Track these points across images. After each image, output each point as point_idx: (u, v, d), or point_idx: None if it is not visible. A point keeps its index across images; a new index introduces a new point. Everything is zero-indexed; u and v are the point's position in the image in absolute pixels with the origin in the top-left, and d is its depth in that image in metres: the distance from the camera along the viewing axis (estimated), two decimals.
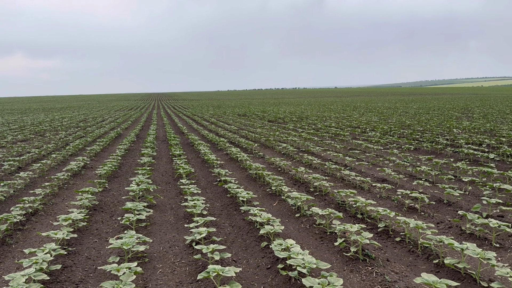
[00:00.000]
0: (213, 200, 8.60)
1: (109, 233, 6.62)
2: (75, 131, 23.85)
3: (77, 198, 7.65)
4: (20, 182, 9.51)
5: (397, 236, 6.06)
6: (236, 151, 13.28)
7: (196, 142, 16.33)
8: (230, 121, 31.15)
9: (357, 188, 9.16)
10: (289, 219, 7.16)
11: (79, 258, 5.53)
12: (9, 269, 5.17)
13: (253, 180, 10.22)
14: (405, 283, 4.57)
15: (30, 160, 13.09)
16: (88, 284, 4.82)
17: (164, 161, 13.51)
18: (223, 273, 4.27)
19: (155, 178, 10.66)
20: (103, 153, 15.43)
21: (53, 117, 38.25)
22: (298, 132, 21.01)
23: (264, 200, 8.47)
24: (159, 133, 23.08)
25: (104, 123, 30.34)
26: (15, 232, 6.40)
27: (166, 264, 5.41)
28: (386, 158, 11.82)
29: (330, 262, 5.35)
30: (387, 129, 20.20)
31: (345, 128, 22.26)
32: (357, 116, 30.87)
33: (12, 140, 18.99)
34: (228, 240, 6.26)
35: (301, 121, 28.19)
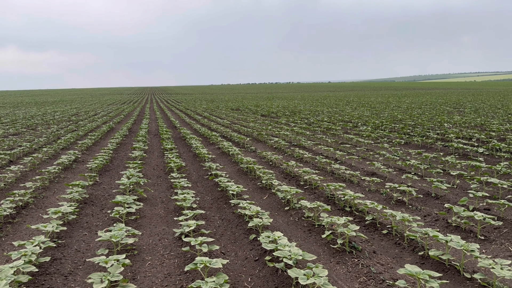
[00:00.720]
0: (204, 193, 8.65)
1: (99, 226, 6.64)
2: (67, 125, 23.72)
3: (68, 191, 7.65)
4: (11, 175, 9.48)
5: (384, 228, 6.15)
6: (228, 145, 13.31)
7: (188, 136, 16.33)
8: (223, 115, 31.13)
9: (346, 181, 9.24)
10: (278, 212, 7.22)
11: (69, 251, 5.55)
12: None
13: (244, 174, 10.27)
14: (390, 274, 4.65)
15: (21, 153, 13.03)
16: (77, 276, 4.85)
17: (156, 155, 13.51)
18: (210, 264, 4.32)
19: (146, 172, 10.67)
20: (95, 147, 15.39)
21: (45, 111, 37.97)
22: (290, 126, 21.07)
23: (255, 193, 8.53)
24: (152, 127, 23.04)
25: (96, 117, 30.19)
26: (5, 225, 6.41)
27: (155, 257, 5.46)
28: (376, 152, 11.92)
29: (318, 254, 5.42)
30: (378, 123, 20.31)
31: (337, 122, 22.36)
32: (350, 111, 30.99)
33: (4, 134, 18.87)
34: (217, 233, 6.31)
35: (294, 115, 28.25)
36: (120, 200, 6.90)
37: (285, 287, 4.41)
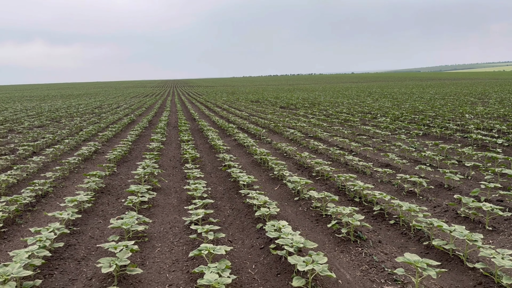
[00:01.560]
0: (217, 184, 8.81)
1: (113, 214, 6.89)
2: (90, 117, 24.34)
3: (85, 181, 7.95)
4: (33, 166, 9.88)
5: (391, 219, 6.16)
6: (243, 137, 13.44)
7: (206, 128, 16.54)
8: (242, 107, 31.27)
9: (359, 173, 9.24)
10: (288, 202, 7.31)
11: (83, 237, 5.80)
12: (17, 246, 5.48)
13: (257, 165, 10.38)
14: (392, 263, 4.69)
15: (44, 145, 13.51)
16: (89, 261, 5.08)
17: (173, 147, 13.77)
18: (214, 251, 4.46)
19: (163, 163, 10.92)
20: (115, 139, 15.79)
21: (70, 104, 39.01)
22: (308, 118, 21.03)
23: (267, 184, 8.64)
24: (171, 119, 23.39)
25: (118, 110, 30.83)
26: (25, 213, 6.73)
27: (165, 244, 5.65)
28: (392, 144, 11.82)
29: (323, 243, 5.50)
30: (398, 114, 20.03)
31: (356, 114, 22.15)
32: (370, 102, 30.61)
33: (29, 126, 19.55)
34: (226, 222, 6.46)
35: (313, 107, 28.13)
36: (134, 189, 7.12)
37: (287, 273, 4.51)
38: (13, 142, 14.55)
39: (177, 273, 4.75)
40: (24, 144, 12.43)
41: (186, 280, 4.55)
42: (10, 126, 19.54)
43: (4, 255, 5.23)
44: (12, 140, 14.96)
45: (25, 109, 33.00)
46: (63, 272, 4.72)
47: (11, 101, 49.51)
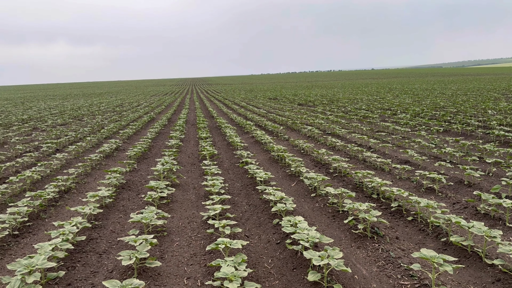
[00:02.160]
0: (234, 180, 8.89)
1: (134, 209, 7.05)
2: (111, 116, 24.81)
3: (106, 177, 8.14)
4: (56, 163, 10.17)
5: (409, 215, 6.12)
6: (261, 134, 13.49)
7: (224, 126, 16.66)
8: (260, 104, 31.32)
9: (378, 169, 9.17)
10: (305, 199, 7.33)
11: (104, 232, 5.97)
12: (41, 240, 5.68)
13: (275, 161, 10.42)
14: (409, 259, 4.67)
15: (67, 142, 13.86)
16: (110, 254, 5.23)
17: (192, 144, 13.93)
18: (231, 245, 4.53)
19: (181, 160, 11.07)
20: (136, 136, 16.07)
21: (91, 102, 39.81)
22: (326, 115, 20.93)
23: (284, 180, 8.67)
24: (190, 117, 23.63)
25: (139, 108, 31.30)
26: (48, 208, 6.95)
27: (183, 238, 5.76)
28: (412, 140, 11.68)
29: (339, 238, 5.51)
30: (418, 111, 19.74)
31: (376, 110, 21.93)
32: (390, 98, 30.22)
33: (52, 124, 20.06)
34: (243, 217, 6.53)
35: (331, 104, 27.96)
36: (153, 185, 7.27)
37: (302, 268, 4.55)
38: (37, 139, 14.98)
39: (195, 266, 4.84)
40: (48, 142, 12.79)
41: (204, 273, 4.64)
42: (34, 124, 20.10)
43: (29, 248, 5.43)
44: (36, 137, 15.40)
45: (49, 107, 33.85)
46: (85, 265, 4.87)
47: (35, 100, 50.83)
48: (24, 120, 22.94)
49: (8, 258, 5.11)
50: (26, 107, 34.91)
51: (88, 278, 4.56)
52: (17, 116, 25.41)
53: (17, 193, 7.84)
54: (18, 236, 5.78)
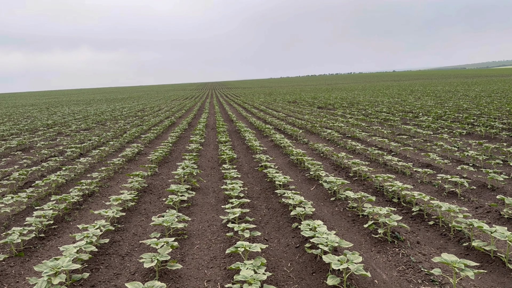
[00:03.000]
0: (253, 184, 8.94)
1: (155, 212, 7.17)
2: (133, 120, 25.25)
3: (129, 181, 8.32)
4: (80, 167, 10.43)
5: (430, 219, 6.04)
6: (280, 138, 13.52)
7: (243, 129, 16.75)
8: (279, 108, 31.34)
9: (399, 173, 9.07)
10: (324, 203, 7.32)
11: (127, 234, 6.10)
12: (66, 242, 5.84)
13: (294, 165, 10.43)
14: (430, 264, 4.62)
15: (90, 147, 14.20)
16: (132, 256, 5.35)
17: (212, 148, 14.06)
18: (250, 248, 4.57)
19: (201, 163, 11.20)
20: (157, 140, 16.32)
21: (114, 107, 40.60)
22: (346, 118, 20.79)
23: (303, 184, 8.67)
24: (210, 121, 23.84)
25: (160, 112, 31.76)
26: (73, 211, 7.15)
27: (203, 241, 5.83)
28: (434, 143, 11.51)
29: (359, 243, 5.49)
30: (441, 113, 19.41)
31: (397, 113, 21.65)
32: (412, 101, 29.78)
33: (76, 129, 20.57)
34: (262, 221, 6.57)
35: (351, 106, 27.75)
36: (174, 188, 7.39)
37: (322, 272, 4.55)
38: (61, 144, 15.39)
39: (215, 269, 4.90)
40: (72, 146, 13.13)
41: (223, 276, 4.69)
42: (59, 129, 20.64)
43: (54, 250, 5.60)
44: (61, 142, 15.82)
45: (73, 113, 34.70)
46: (108, 267, 5.00)
47: (60, 105, 52.17)
48: (49, 125, 23.58)
49: (35, 260, 5.28)
50: (51, 112, 35.87)
51: (111, 280, 4.67)
52: (42, 121, 26.14)
53: (43, 197, 8.08)
54: (44, 238, 5.97)
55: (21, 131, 20.43)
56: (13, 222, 6.66)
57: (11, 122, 26.46)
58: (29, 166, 11.15)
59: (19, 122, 26.61)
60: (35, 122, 25.84)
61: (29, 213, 7.06)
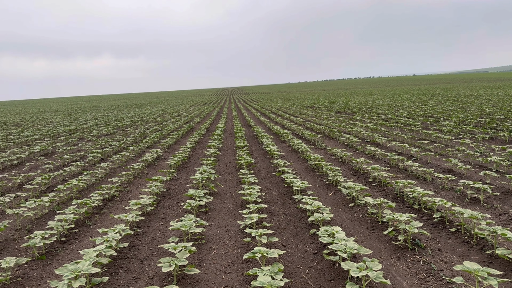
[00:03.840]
0: (271, 189, 8.92)
1: (174, 217, 7.23)
2: (153, 126, 25.58)
3: (148, 185, 8.41)
4: (101, 171, 10.61)
5: (452, 226, 5.91)
6: (298, 143, 13.47)
7: (261, 134, 16.76)
8: (297, 113, 31.26)
9: (419, 179, 8.92)
10: (342, 208, 7.24)
11: (146, 239, 6.16)
12: (86, 246, 5.94)
13: (312, 170, 10.36)
14: (452, 272, 4.51)
15: (111, 152, 14.43)
16: (151, 261, 5.39)
17: (229, 153, 14.11)
18: (267, 254, 4.55)
19: (219, 169, 11.24)
20: (176, 145, 16.48)
21: (134, 113, 41.22)
22: (365, 122, 20.58)
23: (321, 190, 8.61)
24: (228, 126, 23.94)
25: (179, 118, 32.08)
26: (93, 215, 7.26)
27: (221, 246, 5.84)
28: (456, 149, 11.28)
29: (379, 250, 5.40)
30: (463, 118, 19.02)
31: (417, 117, 21.32)
32: (433, 105, 29.29)
33: (97, 134, 20.94)
34: (280, 226, 6.54)
35: (370, 111, 27.46)
36: (192, 193, 7.43)
37: (340, 279, 4.50)
38: (83, 149, 15.68)
39: (232, 275, 4.90)
40: (93, 151, 13.37)
41: (241, 281, 4.68)
42: (81, 135, 21.06)
43: (75, 254, 5.69)
44: (82, 147, 16.13)
45: (94, 118, 35.37)
46: (127, 271, 5.05)
47: (82, 111, 53.27)
48: (71, 130, 24.09)
49: (56, 263, 5.37)
50: (73, 118, 36.65)
51: (130, 284, 4.72)
52: (65, 127, 26.72)
53: (64, 201, 8.24)
54: (65, 242, 6.07)
55: (44, 137, 20.92)
56: (36, 226, 6.81)
57: (35, 128, 27.14)
58: (52, 171, 11.40)
59: (42, 127, 27.26)
60: (58, 127, 26.43)
61: (51, 217, 7.21)
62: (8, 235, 6.45)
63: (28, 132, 23.67)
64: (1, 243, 6.08)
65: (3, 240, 6.21)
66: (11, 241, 6.19)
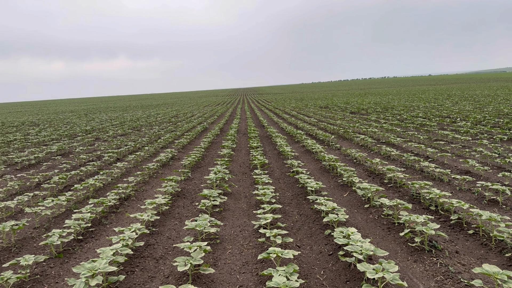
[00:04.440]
0: (285, 189, 8.90)
1: (188, 216, 7.27)
2: (167, 126, 25.78)
3: (163, 185, 8.47)
4: (117, 171, 10.73)
5: (470, 228, 5.81)
6: (311, 143, 13.41)
7: (274, 135, 16.75)
8: (310, 113, 31.14)
9: (436, 180, 8.79)
10: (358, 210, 7.18)
11: (161, 238, 6.20)
12: (103, 245, 6.01)
13: (326, 171, 10.31)
14: (470, 274, 4.44)
15: (127, 152, 14.58)
16: (166, 260, 5.43)
17: (243, 153, 14.12)
18: (282, 255, 4.54)
19: (233, 169, 11.26)
20: (190, 146, 16.57)
21: (149, 114, 41.60)
22: (380, 123, 20.39)
23: (335, 190, 8.55)
24: (241, 127, 23.98)
25: (193, 118, 32.26)
26: (109, 214, 7.35)
27: (235, 246, 5.85)
28: (473, 150, 11.10)
29: (395, 252, 5.34)
30: (480, 118, 18.70)
31: (433, 118, 21.04)
32: (449, 105, 28.87)
33: (113, 135, 21.20)
34: (294, 227, 6.52)
35: (385, 111, 27.20)
36: (206, 193, 7.46)
37: (356, 281, 4.46)
38: (99, 149, 15.89)
39: (247, 275, 4.90)
40: (109, 151, 13.53)
41: (256, 282, 4.68)
42: (97, 135, 21.34)
43: (92, 252, 5.76)
44: (99, 147, 16.34)
45: (110, 119, 35.80)
46: (143, 270, 5.09)
47: (98, 111, 53.98)
48: (87, 131, 24.43)
49: (73, 261, 5.45)
50: (89, 119, 37.16)
51: (146, 283, 4.76)
52: (81, 127, 27.12)
53: (81, 200, 8.36)
54: (82, 240, 6.16)
55: (61, 137, 21.26)
56: (53, 224, 6.92)
57: (52, 128, 27.59)
58: (68, 171, 11.57)
59: (59, 128, 27.71)
60: (74, 128, 26.83)
61: (68, 216, 7.31)
62: (27, 233, 6.57)
63: (45, 132, 24.08)
64: (20, 241, 6.20)
65: (21, 238, 6.33)
66: (30, 239, 6.31)
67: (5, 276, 4.41)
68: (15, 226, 5.98)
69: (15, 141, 19.57)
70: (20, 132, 25.12)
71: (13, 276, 4.45)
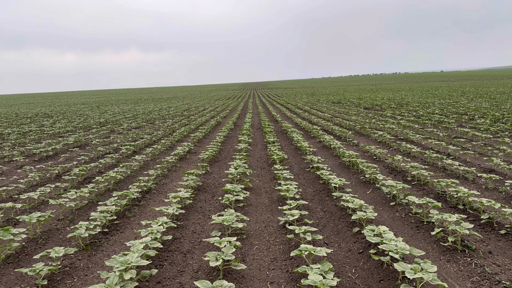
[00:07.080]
0: (306, 185, 8.82)
1: (211, 211, 7.23)
2: (180, 120, 25.79)
3: (184, 179, 8.45)
4: (136, 164, 10.73)
5: (502, 228, 5.69)
6: (329, 139, 13.30)
7: (289, 130, 16.65)
8: (323, 108, 30.94)
9: (460, 178, 8.65)
10: (383, 207, 7.08)
11: (186, 232, 6.17)
12: (128, 237, 6.00)
13: (346, 167, 10.20)
14: (508, 276, 4.33)
15: (143, 145, 14.60)
16: (194, 254, 5.39)
17: (259, 148, 14.06)
18: (314, 252, 4.48)
19: (250, 163, 11.20)
20: (205, 140, 16.55)
21: (161, 107, 41.68)
22: (396, 119, 20.17)
23: (357, 187, 8.45)
24: (254, 121, 23.90)
25: (205, 112, 32.25)
26: (132, 207, 7.34)
27: (262, 242, 5.79)
28: (495, 147, 10.90)
29: (426, 251, 5.24)
30: (499, 115, 18.39)
31: (450, 115, 20.76)
32: (465, 102, 28.48)
33: (128, 128, 21.26)
34: (319, 224, 6.44)
35: (400, 108, 26.92)
36: (229, 188, 7.41)
37: (390, 280, 4.38)
38: (115, 142, 15.94)
39: (277, 271, 4.84)
40: (126, 144, 13.56)
41: (287, 279, 4.62)
42: (111, 127, 21.42)
43: (118, 245, 5.75)
44: (114, 140, 16.39)
45: (122, 111, 35.95)
46: (171, 264, 5.06)
47: (109, 104, 54.25)
48: (101, 123, 24.54)
49: (100, 254, 5.44)
50: (101, 111, 37.35)
51: (176, 277, 4.73)
52: (95, 119, 27.25)
53: (102, 192, 8.37)
54: (107, 233, 6.15)
55: (75, 129, 21.38)
56: (77, 216, 6.93)
57: (66, 120, 27.77)
58: (87, 163, 11.61)
59: (73, 120, 27.88)
60: (88, 120, 26.97)
61: (90, 208, 7.32)
62: (52, 225, 6.59)
63: (60, 124, 24.24)
64: (45, 232, 6.21)
65: (47, 229, 6.34)
66: (55, 231, 6.32)
67: (37, 268, 4.40)
68: (41, 217, 5.99)
69: (31, 133, 19.72)
70: (35, 124, 25.32)
71: (44, 268, 4.45)
